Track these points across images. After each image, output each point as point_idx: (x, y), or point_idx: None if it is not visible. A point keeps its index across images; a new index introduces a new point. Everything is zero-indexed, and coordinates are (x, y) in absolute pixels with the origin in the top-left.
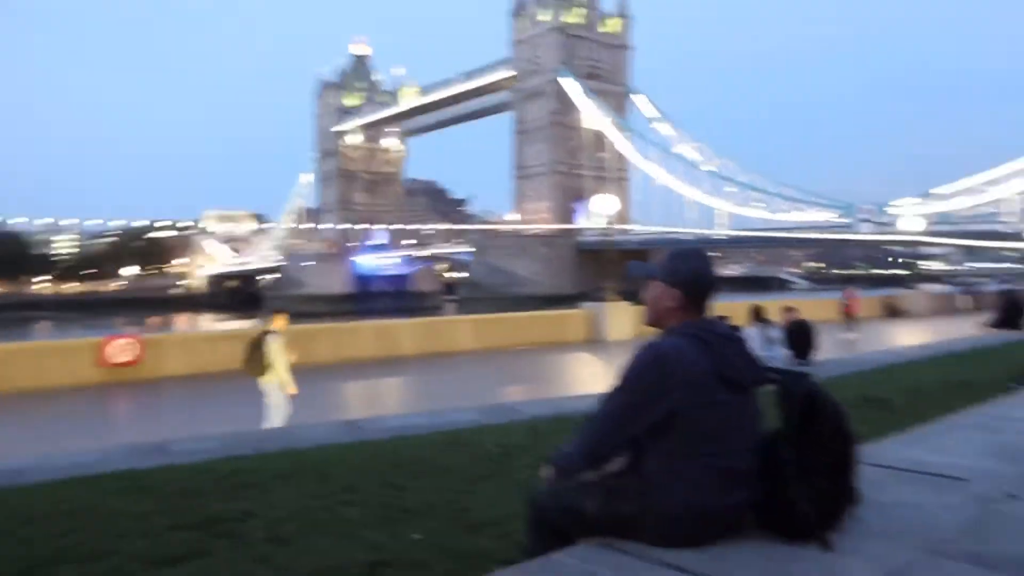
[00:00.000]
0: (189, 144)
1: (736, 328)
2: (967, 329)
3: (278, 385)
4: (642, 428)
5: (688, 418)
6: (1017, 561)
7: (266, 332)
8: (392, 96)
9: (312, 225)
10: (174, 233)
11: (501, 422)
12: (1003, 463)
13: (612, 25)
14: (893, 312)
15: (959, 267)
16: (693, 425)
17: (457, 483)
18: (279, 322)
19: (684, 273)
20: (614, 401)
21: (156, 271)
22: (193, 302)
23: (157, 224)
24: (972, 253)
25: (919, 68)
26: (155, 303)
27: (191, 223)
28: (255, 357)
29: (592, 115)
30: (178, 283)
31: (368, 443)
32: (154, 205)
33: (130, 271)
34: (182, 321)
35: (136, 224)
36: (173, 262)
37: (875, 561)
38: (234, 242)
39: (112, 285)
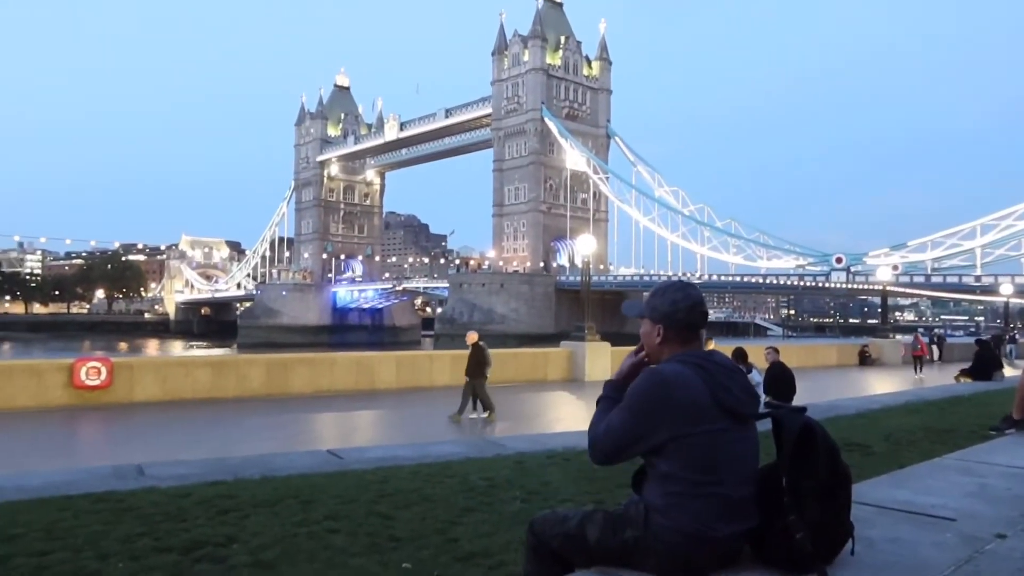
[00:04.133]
0: (168, 169)
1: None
2: (939, 378)
3: None
4: (643, 450)
5: (688, 444)
6: None
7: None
8: (372, 129)
9: (288, 255)
10: (145, 258)
11: (486, 456)
12: (987, 504)
13: (592, 68)
14: (867, 360)
15: (932, 318)
16: (693, 451)
17: (445, 514)
18: None
19: (662, 307)
20: (619, 418)
21: (127, 295)
22: (164, 328)
23: (129, 247)
24: (940, 305)
25: (897, 126)
26: (124, 327)
27: (164, 248)
28: None
29: (574, 156)
30: (149, 308)
31: (351, 473)
32: (127, 228)
33: (100, 294)
34: (152, 347)
35: (106, 247)
36: (145, 287)
37: None
38: (209, 269)
39: (81, 308)
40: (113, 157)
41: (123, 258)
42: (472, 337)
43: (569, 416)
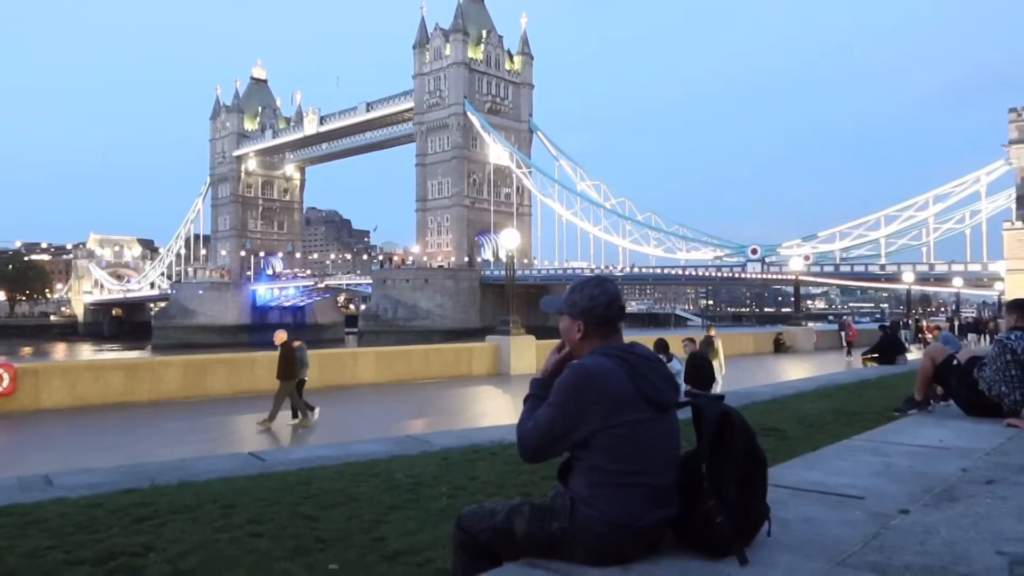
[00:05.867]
0: (75, 166)
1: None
2: (851, 361)
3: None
4: (572, 444)
5: (612, 435)
6: (914, 570)
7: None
8: (291, 123)
9: (205, 253)
10: (50, 257)
11: (412, 453)
12: (892, 482)
13: (514, 63)
14: (781, 347)
15: (841, 306)
16: (617, 442)
17: (371, 513)
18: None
19: (581, 303)
20: (546, 415)
21: (31, 297)
22: (72, 330)
23: (32, 247)
24: (848, 292)
25: (808, 121)
26: (28, 331)
27: (71, 247)
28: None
29: (496, 150)
30: (56, 310)
31: (274, 475)
32: (30, 226)
33: (0, 296)
34: (60, 350)
35: (7, 246)
36: (50, 288)
37: (788, 573)
38: (120, 268)
39: None
40: (14, 151)
41: (25, 258)
42: (280, 337)
43: (495, 410)
